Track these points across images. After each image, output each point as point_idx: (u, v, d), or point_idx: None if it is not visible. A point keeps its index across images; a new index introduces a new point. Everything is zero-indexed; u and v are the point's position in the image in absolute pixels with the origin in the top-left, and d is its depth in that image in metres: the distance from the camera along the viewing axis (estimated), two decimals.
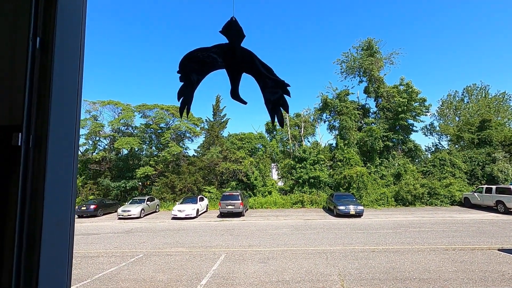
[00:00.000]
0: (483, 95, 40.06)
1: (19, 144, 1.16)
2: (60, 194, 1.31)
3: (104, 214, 23.07)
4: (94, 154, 30.75)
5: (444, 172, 26.16)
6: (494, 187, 20.23)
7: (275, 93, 1.61)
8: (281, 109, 1.63)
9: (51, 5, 1.32)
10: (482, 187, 21.29)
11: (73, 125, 1.43)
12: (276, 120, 1.64)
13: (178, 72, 1.63)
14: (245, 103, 1.78)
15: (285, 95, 1.61)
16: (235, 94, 1.74)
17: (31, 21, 1.25)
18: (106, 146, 31.84)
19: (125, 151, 31.10)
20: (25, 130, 1.19)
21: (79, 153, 31.17)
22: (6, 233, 1.13)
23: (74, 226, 1.43)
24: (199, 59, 1.64)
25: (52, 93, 1.27)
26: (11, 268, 1.10)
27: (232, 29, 1.65)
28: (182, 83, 1.65)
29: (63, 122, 1.34)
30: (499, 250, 9.77)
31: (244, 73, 1.72)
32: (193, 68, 1.63)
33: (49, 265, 1.21)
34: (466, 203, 22.57)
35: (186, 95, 1.66)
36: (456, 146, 31.52)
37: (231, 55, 1.65)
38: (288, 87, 1.61)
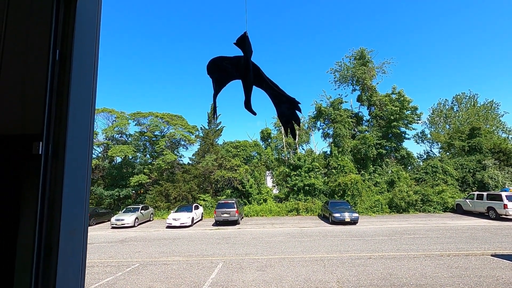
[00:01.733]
0: (472, 103, 41.12)
1: (40, 153, 1.22)
2: (76, 202, 1.36)
3: (97, 224, 22.68)
4: None
5: (436, 179, 26.58)
6: (485, 193, 20.63)
7: (288, 109, 1.70)
8: (294, 123, 1.73)
9: (70, 19, 1.39)
10: (474, 194, 21.68)
11: (88, 134, 1.50)
12: (289, 132, 1.73)
13: (211, 77, 1.69)
14: (255, 114, 1.86)
15: (296, 111, 1.71)
16: (248, 105, 1.82)
17: (51, 34, 1.32)
18: (100, 154, 31.50)
19: (119, 159, 30.82)
20: (45, 139, 1.24)
21: None
22: (25, 240, 1.18)
23: (88, 235, 1.48)
24: (223, 66, 1.71)
25: (70, 103, 1.34)
26: (30, 275, 1.14)
27: (247, 43, 1.74)
28: (215, 86, 1.70)
29: (79, 132, 1.40)
30: (492, 255, 9.94)
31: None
32: (219, 74, 1.71)
33: (65, 272, 1.25)
34: (458, 210, 22.91)
35: (215, 100, 1.73)
36: (447, 153, 32.10)
37: (246, 68, 1.74)
38: (299, 105, 1.71)
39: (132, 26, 68.47)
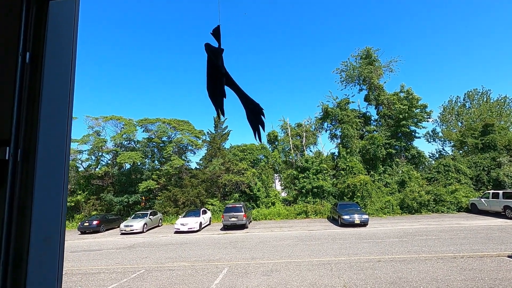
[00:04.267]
0: (485, 99, 39.98)
1: (7, 158, 1.16)
2: (49, 208, 1.29)
3: (106, 230, 22.93)
4: (97, 169, 30.84)
5: (449, 178, 25.85)
6: (501, 192, 19.90)
7: (256, 114, 1.65)
8: (260, 127, 1.67)
9: (42, 20, 1.33)
10: (489, 193, 20.95)
11: (64, 139, 1.43)
12: (257, 135, 1.67)
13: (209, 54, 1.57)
14: (223, 115, 1.73)
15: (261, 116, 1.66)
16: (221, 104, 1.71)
17: (21, 35, 1.26)
18: (109, 161, 31.96)
19: (128, 166, 31.17)
20: (13, 144, 1.18)
21: (82, 168, 31.26)
22: None
23: (64, 243, 1.41)
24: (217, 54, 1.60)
25: (41, 107, 1.27)
26: None
27: (220, 37, 1.64)
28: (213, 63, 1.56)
29: (53, 137, 1.34)
30: (509, 256, 9.51)
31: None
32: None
33: (37, 282, 1.18)
34: (473, 209, 22.17)
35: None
36: (460, 151, 31.22)
37: (222, 61, 1.63)
38: (263, 110, 1.65)
39: (137, 33, 69.72)
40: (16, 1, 1.30)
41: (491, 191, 20.88)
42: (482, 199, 21.17)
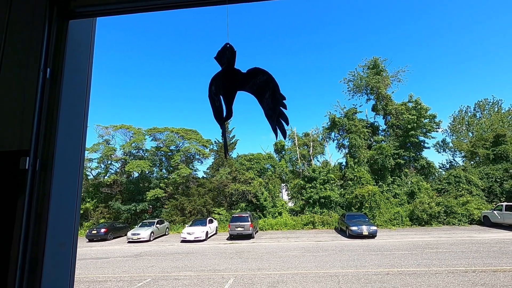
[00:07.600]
0: (496, 109, 39.32)
1: (27, 167, 1.25)
2: (64, 215, 1.37)
3: (114, 238, 23.05)
4: (105, 177, 31.23)
5: (460, 189, 25.27)
6: None
7: (274, 108, 1.50)
8: (282, 121, 1.50)
9: (62, 38, 1.45)
10: (502, 205, 20.37)
11: (78, 150, 1.53)
12: (279, 132, 1.51)
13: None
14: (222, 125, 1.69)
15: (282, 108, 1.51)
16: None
17: (42, 52, 1.37)
18: (118, 170, 32.37)
19: (136, 174, 31.53)
20: (33, 155, 1.28)
21: (91, 176, 31.71)
22: (10, 255, 1.19)
23: (77, 249, 1.48)
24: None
25: (59, 120, 1.37)
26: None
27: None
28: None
29: (69, 148, 1.43)
30: None
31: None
32: None
33: (51, 285, 1.26)
34: (485, 222, 21.55)
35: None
36: (471, 162, 30.59)
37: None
38: (284, 100, 1.51)
39: (142, 49, 71.38)
40: (39, 21, 1.42)
41: (504, 203, 20.31)
42: (495, 212, 20.60)
